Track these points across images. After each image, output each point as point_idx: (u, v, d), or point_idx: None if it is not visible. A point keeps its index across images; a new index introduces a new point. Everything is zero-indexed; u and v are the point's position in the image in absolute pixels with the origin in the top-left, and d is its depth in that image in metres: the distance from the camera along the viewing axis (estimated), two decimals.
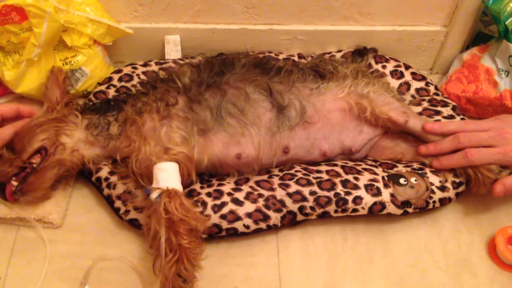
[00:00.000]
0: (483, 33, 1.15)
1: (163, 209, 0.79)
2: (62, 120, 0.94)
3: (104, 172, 0.95)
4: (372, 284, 0.89)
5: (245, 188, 0.92)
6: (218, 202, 0.89)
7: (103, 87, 1.08)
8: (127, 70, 1.12)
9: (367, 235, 0.95)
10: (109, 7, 1.09)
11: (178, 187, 0.84)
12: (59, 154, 0.91)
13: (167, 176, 0.85)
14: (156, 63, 1.14)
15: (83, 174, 0.98)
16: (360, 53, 1.15)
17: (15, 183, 0.89)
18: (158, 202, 0.80)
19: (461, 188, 0.94)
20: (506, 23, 1.03)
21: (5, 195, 0.89)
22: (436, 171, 0.94)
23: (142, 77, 1.11)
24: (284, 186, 0.91)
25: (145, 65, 1.14)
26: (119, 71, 1.12)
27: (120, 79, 1.10)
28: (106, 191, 0.94)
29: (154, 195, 0.81)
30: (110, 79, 1.10)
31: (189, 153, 0.89)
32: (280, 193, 0.91)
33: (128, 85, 1.09)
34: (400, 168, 0.96)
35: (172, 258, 0.77)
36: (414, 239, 0.94)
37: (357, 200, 0.90)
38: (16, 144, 0.91)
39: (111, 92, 1.07)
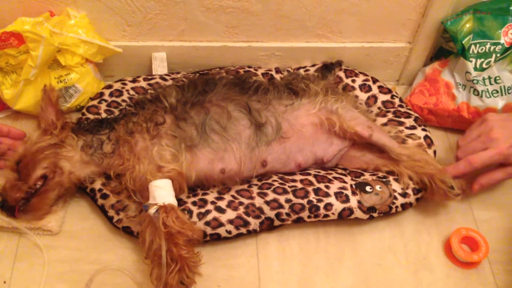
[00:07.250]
0: (444, 48, 1.22)
1: (162, 223, 0.84)
2: (60, 145, 0.99)
3: (97, 184, 1.01)
4: (341, 281, 0.97)
5: (227, 197, 0.99)
6: (202, 210, 0.96)
7: (95, 102, 1.13)
8: (117, 85, 1.16)
9: (337, 237, 1.02)
10: (100, 27, 1.13)
11: (174, 202, 0.90)
12: (58, 177, 0.97)
13: (163, 192, 0.90)
14: (144, 79, 1.18)
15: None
16: (327, 68, 1.21)
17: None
18: (157, 217, 0.86)
19: (421, 194, 1.02)
20: (463, 42, 1.10)
21: (14, 214, 0.97)
22: (398, 179, 1.01)
23: (132, 92, 1.15)
24: (262, 194, 0.98)
25: (133, 81, 1.18)
26: (109, 86, 1.17)
27: (110, 94, 1.15)
28: (100, 201, 1.00)
29: (152, 210, 0.87)
30: (101, 94, 1.15)
31: (180, 169, 0.94)
32: (258, 201, 0.98)
33: (119, 99, 1.14)
34: (367, 176, 1.03)
35: (175, 268, 0.83)
36: (379, 240, 1.02)
37: (328, 206, 0.98)
38: (22, 170, 0.96)
39: (103, 107, 1.12)
